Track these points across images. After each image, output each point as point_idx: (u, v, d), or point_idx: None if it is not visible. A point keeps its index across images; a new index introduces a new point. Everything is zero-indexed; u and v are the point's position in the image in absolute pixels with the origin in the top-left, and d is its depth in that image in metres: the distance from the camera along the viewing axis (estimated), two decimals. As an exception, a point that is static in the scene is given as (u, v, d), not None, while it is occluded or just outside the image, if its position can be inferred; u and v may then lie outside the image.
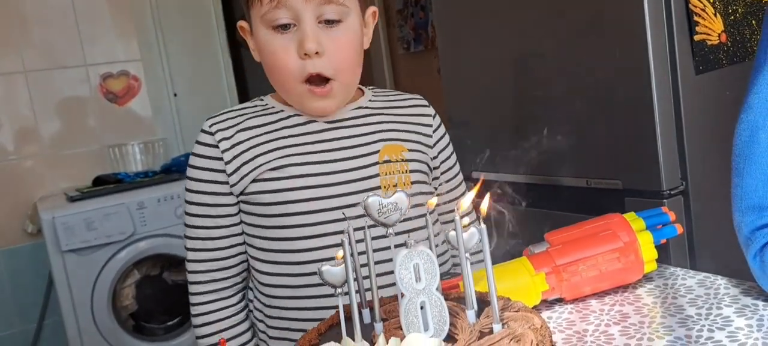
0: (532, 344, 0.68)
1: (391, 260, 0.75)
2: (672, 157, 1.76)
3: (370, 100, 1.25)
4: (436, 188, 1.32)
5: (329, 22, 1.11)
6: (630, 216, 1.13)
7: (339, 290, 0.77)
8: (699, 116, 1.78)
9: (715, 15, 1.76)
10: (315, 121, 1.20)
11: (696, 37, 1.74)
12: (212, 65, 3.56)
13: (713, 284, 1.07)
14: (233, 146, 1.18)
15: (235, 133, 1.18)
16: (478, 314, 0.77)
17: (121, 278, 2.88)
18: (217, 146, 1.18)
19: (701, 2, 1.74)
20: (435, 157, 1.29)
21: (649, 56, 1.70)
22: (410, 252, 0.73)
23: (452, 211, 1.37)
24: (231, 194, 1.20)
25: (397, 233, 0.78)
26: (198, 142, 1.21)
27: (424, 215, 1.16)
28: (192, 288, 1.26)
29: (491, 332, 0.73)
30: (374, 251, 0.80)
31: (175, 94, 3.45)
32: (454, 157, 1.35)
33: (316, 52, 1.10)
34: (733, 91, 1.63)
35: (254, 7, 1.13)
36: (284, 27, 1.11)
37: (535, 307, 1.07)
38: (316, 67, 1.11)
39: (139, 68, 3.34)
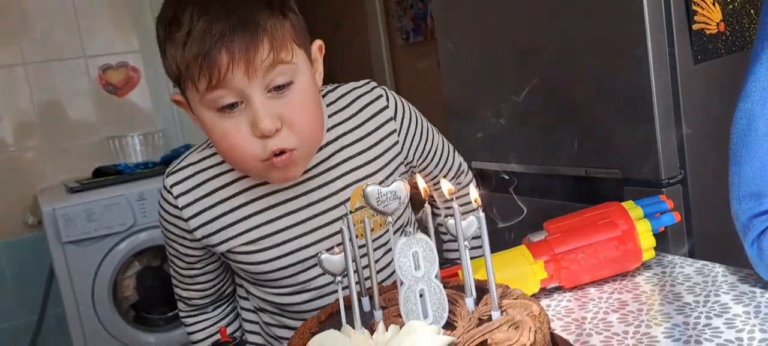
0: (531, 331, 0.69)
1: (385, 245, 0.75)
2: (670, 147, 1.77)
3: (328, 130, 1.14)
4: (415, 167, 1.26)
5: (279, 88, 0.98)
6: (628, 205, 1.13)
7: (338, 279, 0.78)
8: (697, 106, 1.78)
9: (713, 4, 1.76)
10: (279, 183, 1.12)
11: (694, 27, 1.74)
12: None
13: (711, 272, 1.08)
14: (199, 213, 1.12)
15: (198, 200, 1.12)
16: (477, 302, 0.77)
17: (121, 269, 2.88)
18: (180, 212, 1.13)
19: (700, -9, 1.74)
20: (408, 156, 1.21)
21: (647, 46, 1.70)
22: (409, 240, 0.73)
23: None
24: (204, 248, 1.18)
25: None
26: (163, 199, 1.15)
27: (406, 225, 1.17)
28: (178, 303, 1.31)
29: (490, 319, 0.73)
30: (373, 239, 0.80)
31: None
32: (426, 132, 1.24)
33: (277, 129, 0.98)
34: (732, 81, 1.64)
35: (190, 90, 0.98)
36: (231, 106, 0.97)
37: (534, 295, 1.08)
38: (277, 143, 0.99)
39: (139, 60, 3.34)
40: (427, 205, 0.80)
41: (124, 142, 3.23)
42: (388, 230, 1.11)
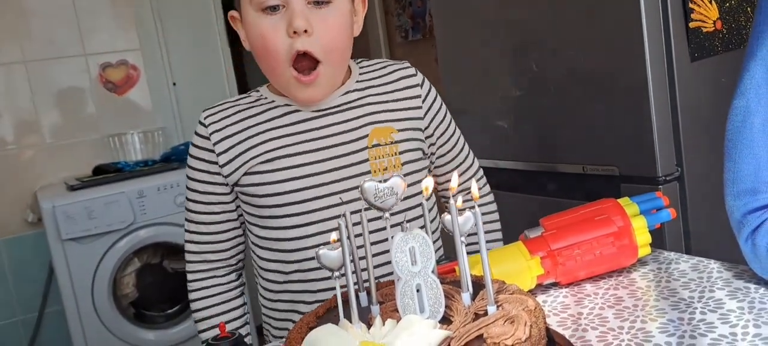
0: (526, 325, 0.70)
1: (386, 241, 0.76)
2: (667, 144, 1.78)
3: (357, 82, 1.25)
4: (433, 153, 1.32)
5: (318, 3, 1.11)
6: (624, 201, 1.14)
7: (336, 274, 0.78)
8: (694, 103, 1.79)
9: (710, 2, 1.77)
10: (303, 110, 1.21)
11: (691, 25, 1.75)
12: (211, 54, 3.56)
13: (706, 268, 1.09)
14: (224, 139, 1.20)
15: (227, 126, 1.21)
16: (473, 297, 0.78)
17: (121, 266, 2.89)
18: (209, 139, 1.21)
19: (696, -11, 1.75)
20: (427, 127, 1.28)
21: (644, 43, 1.71)
22: (406, 236, 0.74)
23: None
24: (225, 184, 1.23)
25: (392, 214, 0.79)
26: (195, 133, 1.24)
27: (415, 195, 1.20)
28: (188, 266, 1.31)
29: (486, 313, 0.74)
30: (370, 232, 0.81)
31: (174, 84, 3.46)
32: (449, 118, 1.34)
33: (305, 30, 1.10)
34: (729, 78, 1.65)
35: None
36: (273, 9, 1.11)
37: (530, 291, 1.09)
38: (304, 45, 1.11)
39: (139, 58, 3.35)
40: (424, 201, 0.81)
41: (124, 140, 3.24)
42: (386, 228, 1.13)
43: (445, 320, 0.75)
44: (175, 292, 3.01)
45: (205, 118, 1.23)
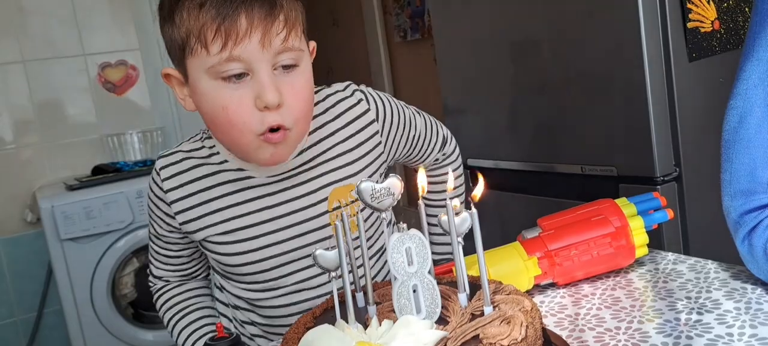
0: (522, 326, 0.70)
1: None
2: (666, 144, 1.78)
3: (309, 134, 1.16)
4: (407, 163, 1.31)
5: (285, 68, 1.02)
6: (621, 201, 1.14)
7: (333, 274, 0.79)
8: (692, 103, 1.79)
9: (708, 2, 1.77)
10: (257, 176, 1.14)
11: (689, 25, 1.75)
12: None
13: (703, 269, 1.09)
14: (181, 201, 1.16)
15: (184, 189, 1.16)
16: (470, 297, 0.78)
17: (120, 266, 2.89)
18: (165, 194, 1.17)
19: (694, -10, 1.75)
20: (390, 151, 1.22)
21: (642, 43, 1.71)
22: (402, 236, 0.74)
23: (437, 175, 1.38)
24: (179, 233, 1.22)
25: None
26: (153, 182, 1.20)
27: (375, 233, 1.19)
28: (151, 284, 1.34)
29: (482, 314, 0.74)
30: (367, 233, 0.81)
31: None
32: (404, 121, 1.24)
33: (278, 105, 1.01)
34: (727, 78, 1.65)
35: (196, 57, 1.00)
36: (238, 76, 1.00)
37: (527, 291, 1.09)
38: (275, 119, 1.01)
39: (138, 58, 3.35)
40: (421, 201, 0.81)
41: (123, 140, 3.24)
42: (380, 226, 1.13)
43: (442, 321, 0.75)
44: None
45: (160, 169, 1.17)
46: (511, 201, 2.21)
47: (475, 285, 0.81)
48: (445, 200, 1.22)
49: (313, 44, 1.10)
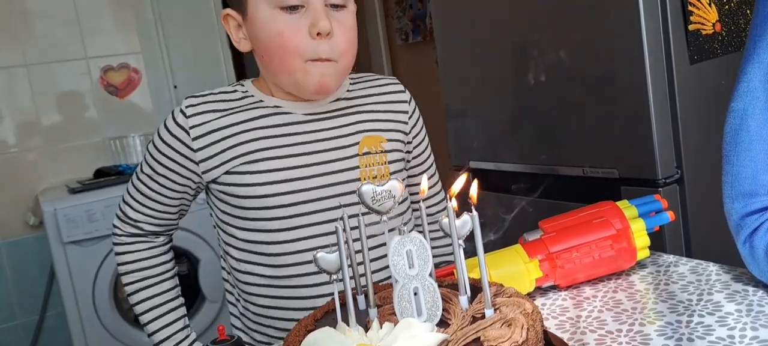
0: (523, 328, 0.70)
1: (383, 245, 0.76)
2: (667, 146, 1.78)
3: (348, 91, 1.26)
4: (407, 168, 1.34)
5: (335, 6, 1.13)
6: (623, 204, 1.14)
7: (334, 277, 0.79)
8: (694, 105, 1.79)
9: (709, 5, 1.77)
10: (293, 113, 1.20)
11: (690, 27, 1.75)
12: (212, 57, 3.57)
13: (705, 271, 1.09)
14: (206, 134, 1.17)
15: (210, 121, 1.17)
16: (471, 300, 0.78)
17: (122, 269, 2.89)
18: (187, 132, 1.17)
19: (695, -8, 1.75)
20: (409, 142, 1.32)
21: (643, 46, 1.71)
22: (403, 239, 0.74)
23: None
24: (193, 178, 1.20)
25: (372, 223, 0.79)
26: (173, 119, 1.19)
27: (402, 202, 1.21)
28: (116, 231, 1.28)
29: (483, 317, 0.74)
30: (368, 237, 0.81)
31: (175, 86, 3.47)
32: (424, 132, 1.37)
33: (328, 33, 1.11)
34: (728, 81, 1.65)
35: None
36: (292, 8, 1.11)
37: (529, 294, 1.09)
38: (326, 50, 1.12)
39: (140, 61, 3.35)
40: (421, 203, 0.81)
41: (126, 142, 3.24)
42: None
43: (443, 324, 0.75)
44: (176, 295, 3.00)
45: (186, 107, 1.18)
46: (512, 203, 2.21)
47: (476, 288, 0.81)
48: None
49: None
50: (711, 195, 1.25)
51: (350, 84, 1.27)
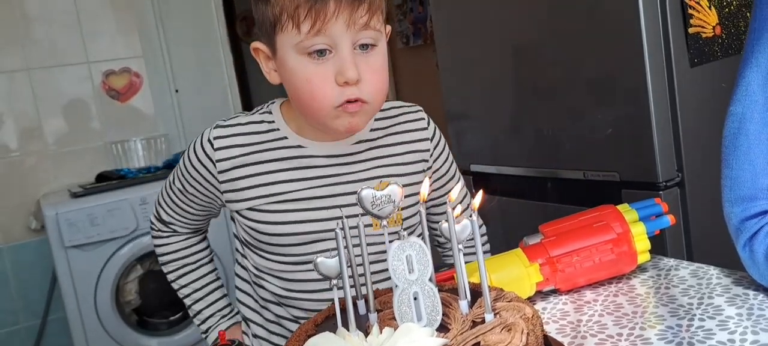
0: (523, 333, 0.70)
1: (384, 252, 0.76)
2: (668, 149, 1.78)
3: (371, 130, 1.25)
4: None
5: (364, 47, 1.10)
6: (623, 208, 1.14)
7: (334, 282, 0.79)
8: (694, 108, 1.79)
9: (709, 7, 1.77)
10: (316, 156, 1.20)
11: (690, 30, 1.75)
12: (213, 61, 3.58)
13: (706, 275, 1.09)
14: (231, 169, 1.20)
15: (236, 157, 1.20)
16: (471, 305, 0.78)
17: (124, 273, 2.90)
18: (214, 164, 1.20)
19: (695, -5, 1.75)
20: (434, 172, 1.31)
21: (643, 49, 1.72)
22: (403, 243, 0.74)
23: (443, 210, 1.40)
24: (219, 198, 1.25)
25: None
26: (201, 146, 1.22)
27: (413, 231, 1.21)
28: (152, 227, 1.41)
29: (483, 321, 0.74)
30: (368, 243, 0.81)
31: (177, 90, 3.47)
32: (450, 159, 1.37)
33: (357, 80, 1.08)
34: (728, 83, 1.65)
35: (286, 33, 1.09)
36: (320, 53, 1.08)
37: (529, 298, 1.09)
38: (354, 93, 1.09)
39: (141, 65, 3.36)
40: (422, 208, 0.81)
41: (127, 147, 3.25)
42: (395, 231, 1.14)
43: (443, 328, 0.75)
44: (177, 299, 3.00)
45: (214, 139, 1.21)
46: (513, 207, 2.21)
47: (476, 292, 0.81)
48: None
49: (389, 28, 1.18)
50: (712, 198, 1.25)
51: (374, 119, 1.26)
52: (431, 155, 1.29)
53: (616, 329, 0.95)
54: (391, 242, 0.76)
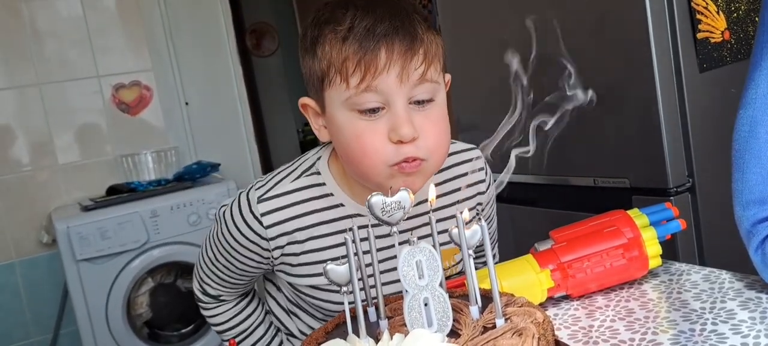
0: (534, 338, 0.70)
1: (395, 257, 0.76)
2: (678, 155, 1.77)
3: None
4: None
5: (420, 103, 1.01)
6: (634, 213, 1.14)
7: (344, 289, 0.79)
8: (704, 114, 1.79)
9: (717, 13, 1.77)
10: (380, 225, 1.14)
11: (699, 36, 1.75)
12: (223, 73, 3.59)
13: (718, 279, 1.08)
14: (288, 245, 1.12)
15: (293, 232, 1.11)
16: (482, 310, 0.78)
17: (135, 286, 2.90)
18: (267, 241, 1.12)
19: (703, 0, 1.75)
20: (481, 215, 1.26)
21: (652, 55, 1.71)
22: (413, 249, 0.74)
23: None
24: (265, 266, 1.18)
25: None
26: (243, 222, 1.12)
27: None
28: (199, 299, 1.31)
29: (494, 326, 0.74)
30: (378, 250, 0.81)
31: (187, 103, 3.48)
32: (494, 202, 1.30)
33: (413, 138, 1.00)
34: (738, 89, 1.64)
35: (334, 89, 1.01)
36: (373, 110, 0.99)
37: (541, 304, 1.08)
38: (410, 151, 1.00)
39: (151, 78, 3.37)
40: (430, 215, 0.81)
41: (137, 160, 3.26)
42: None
43: (454, 334, 0.75)
44: (188, 311, 3.01)
45: (262, 215, 1.10)
46: (523, 214, 2.21)
47: (487, 298, 0.81)
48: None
49: (448, 77, 1.10)
50: (723, 203, 1.25)
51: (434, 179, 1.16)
52: (483, 206, 1.23)
53: (629, 334, 0.94)
54: (400, 244, 0.76)
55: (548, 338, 0.72)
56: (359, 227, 0.80)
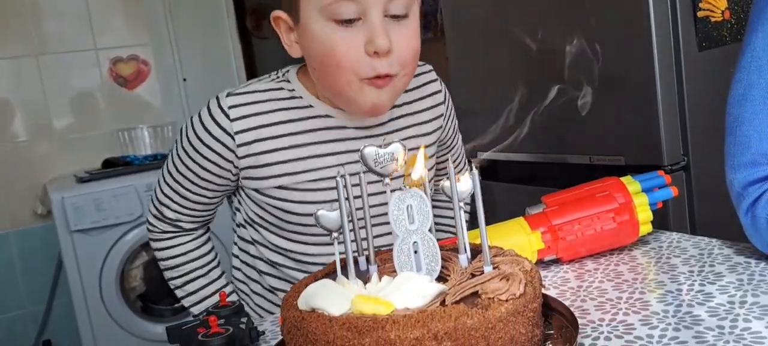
0: (521, 282, 0.70)
1: (385, 204, 0.76)
2: (674, 133, 1.77)
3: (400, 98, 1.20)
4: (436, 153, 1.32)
5: (395, 17, 1.03)
6: (626, 179, 1.14)
7: (334, 235, 0.79)
8: (701, 93, 1.79)
9: (717, -9, 1.77)
10: (347, 128, 1.14)
11: (699, 14, 1.75)
12: (221, 49, 3.58)
13: (708, 246, 1.09)
14: (254, 142, 1.11)
15: (258, 128, 1.10)
16: (471, 261, 0.78)
17: (129, 259, 2.90)
18: (232, 137, 1.10)
19: (703, -22, 1.75)
20: (443, 137, 1.31)
21: (652, 33, 1.71)
22: (403, 194, 0.74)
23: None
24: (234, 180, 1.16)
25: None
26: (213, 120, 1.11)
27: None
28: (153, 228, 1.26)
29: (482, 273, 0.74)
30: (369, 195, 0.81)
31: (185, 79, 3.48)
32: (455, 121, 1.36)
33: (388, 51, 1.02)
34: (735, 68, 1.65)
35: None
36: (348, 21, 1.01)
37: (531, 266, 1.08)
38: (384, 67, 1.02)
39: (149, 52, 3.37)
40: (427, 177, 0.81)
41: (134, 134, 3.26)
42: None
43: (442, 280, 0.75)
44: (182, 285, 3.00)
45: (229, 109, 1.10)
46: (519, 192, 2.21)
47: (476, 251, 0.81)
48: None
49: (419, 1, 1.11)
50: (717, 181, 1.25)
51: None
52: (445, 119, 1.28)
53: (616, 293, 0.94)
54: (392, 191, 0.76)
55: (535, 286, 0.72)
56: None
